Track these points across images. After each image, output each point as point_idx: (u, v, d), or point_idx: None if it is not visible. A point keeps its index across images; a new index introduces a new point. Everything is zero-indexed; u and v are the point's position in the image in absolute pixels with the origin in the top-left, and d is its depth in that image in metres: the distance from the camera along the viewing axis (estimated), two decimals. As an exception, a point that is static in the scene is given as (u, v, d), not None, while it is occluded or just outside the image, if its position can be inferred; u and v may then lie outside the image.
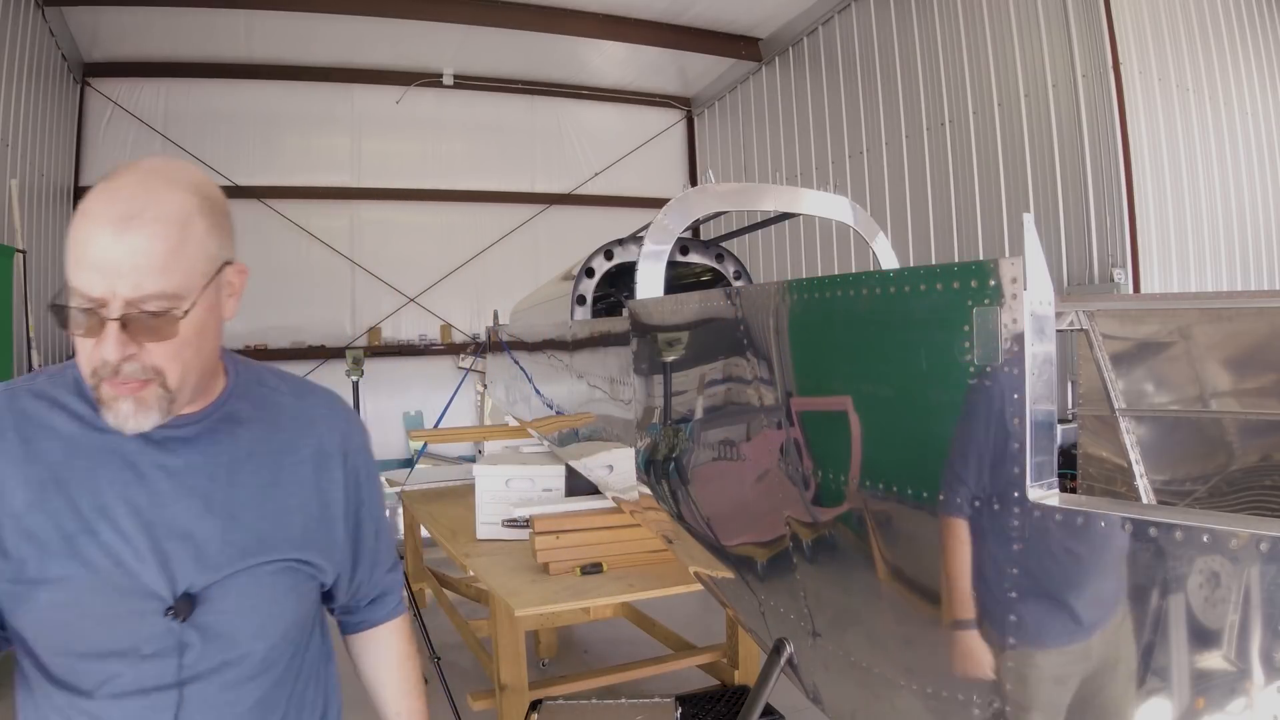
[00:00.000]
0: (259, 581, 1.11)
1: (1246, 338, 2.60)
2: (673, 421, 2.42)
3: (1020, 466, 1.27)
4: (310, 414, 1.23)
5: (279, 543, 1.13)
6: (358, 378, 4.38)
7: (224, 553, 1.07)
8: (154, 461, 1.06)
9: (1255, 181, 6.56)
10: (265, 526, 1.12)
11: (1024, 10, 6.51)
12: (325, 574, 1.21)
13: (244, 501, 1.10)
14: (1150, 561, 1.17)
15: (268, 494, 1.13)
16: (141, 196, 0.96)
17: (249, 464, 1.12)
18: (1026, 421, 1.25)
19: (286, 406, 1.21)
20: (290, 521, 1.15)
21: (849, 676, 1.72)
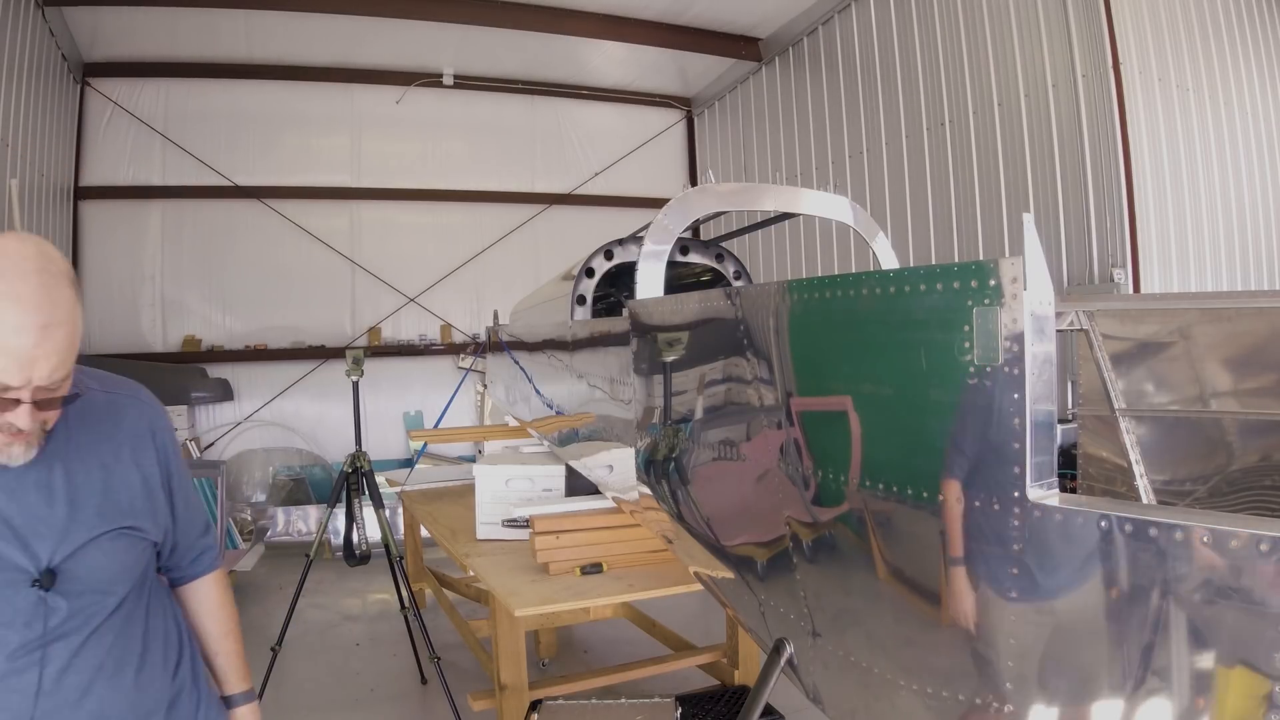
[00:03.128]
0: (102, 549, 1.38)
1: (1246, 338, 2.60)
2: (672, 421, 2.42)
3: (1020, 466, 1.27)
4: (119, 405, 1.50)
5: (113, 515, 1.41)
6: (357, 378, 4.38)
7: (71, 531, 1.35)
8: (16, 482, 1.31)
9: (1255, 181, 6.56)
10: (100, 504, 1.40)
11: (1024, 10, 6.51)
12: (153, 534, 1.50)
13: (80, 488, 1.38)
14: (1150, 561, 1.17)
15: (97, 479, 1.40)
16: (47, 305, 1.20)
17: (78, 459, 1.39)
18: (1026, 421, 1.26)
19: (99, 404, 1.45)
20: (119, 498, 1.43)
21: (849, 676, 1.72)
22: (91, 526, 1.38)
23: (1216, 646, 1.14)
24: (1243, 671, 1.12)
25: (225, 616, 1.71)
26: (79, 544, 1.36)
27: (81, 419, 1.40)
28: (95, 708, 1.38)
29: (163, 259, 9.59)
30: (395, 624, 5.07)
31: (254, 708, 1.73)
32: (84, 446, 1.40)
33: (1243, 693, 1.12)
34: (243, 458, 9.28)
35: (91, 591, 1.38)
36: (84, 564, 1.36)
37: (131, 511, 1.45)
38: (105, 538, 1.39)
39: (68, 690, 1.35)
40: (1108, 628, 1.24)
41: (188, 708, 1.55)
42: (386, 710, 4.20)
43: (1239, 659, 1.12)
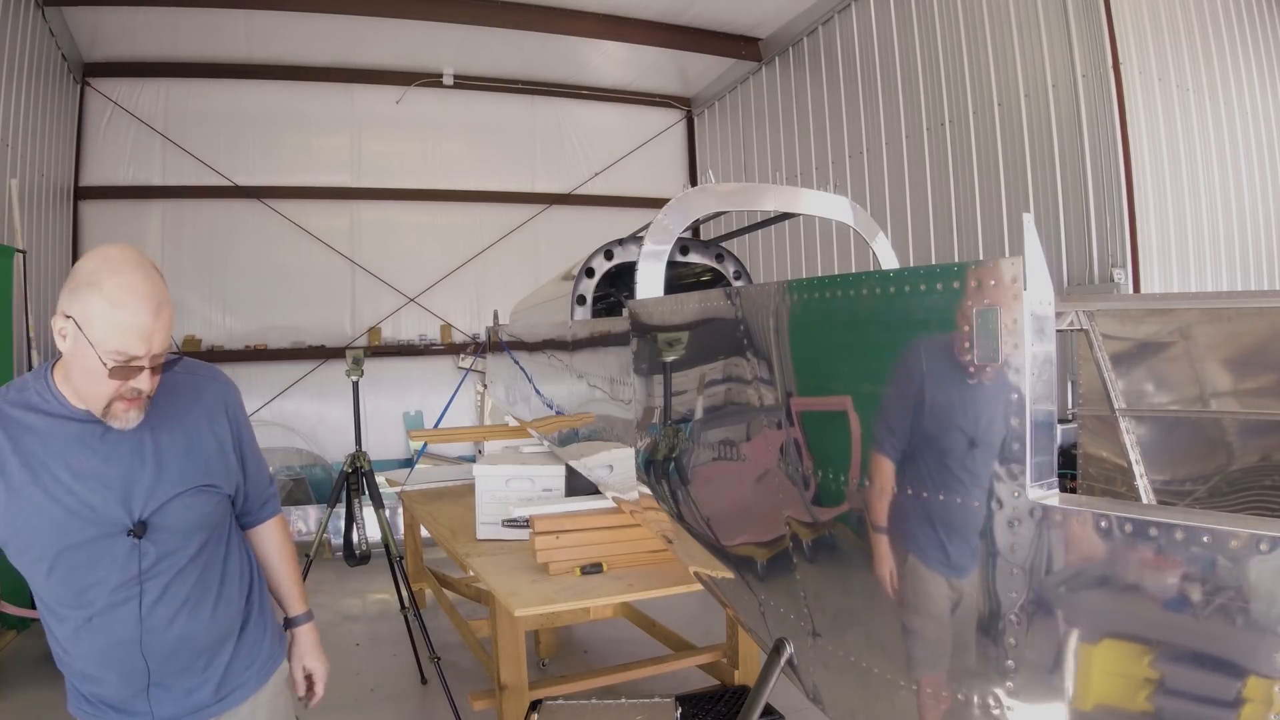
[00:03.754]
0: (184, 503, 1.67)
1: (1246, 338, 2.60)
2: (672, 421, 2.42)
3: (1020, 466, 1.27)
4: (199, 385, 1.78)
5: (192, 475, 1.69)
6: (357, 378, 4.38)
7: (158, 490, 1.63)
8: (99, 439, 1.59)
9: (1255, 181, 6.56)
10: (182, 466, 1.68)
11: (1024, 10, 6.51)
12: (227, 489, 1.80)
13: (165, 452, 1.66)
14: (1150, 561, 1.17)
15: (180, 445, 1.69)
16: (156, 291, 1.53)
17: (164, 428, 1.67)
18: (1026, 421, 1.26)
19: (183, 383, 1.73)
20: (198, 460, 1.71)
21: (849, 676, 1.72)
22: (175, 484, 1.65)
23: (1217, 646, 1.14)
24: (1243, 671, 1.12)
25: (287, 554, 2.05)
26: (164, 500, 1.63)
27: (169, 396, 1.68)
28: (181, 632, 1.68)
29: (163, 259, 9.56)
30: (395, 624, 5.07)
31: (312, 626, 2.05)
32: (169, 418, 1.68)
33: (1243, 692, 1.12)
34: (243, 458, 9.27)
35: (175, 539, 1.66)
36: (168, 516, 1.64)
37: (208, 471, 1.73)
38: (186, 494, 1.67)
39: (159, 619, 1.65)
40: (1108, 627, 1.24)
41: (255, 631, 1.86)
42: (386, 710, 4.20)
43: (1239, 658, 1.12)
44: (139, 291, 1.49)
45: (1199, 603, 1.14)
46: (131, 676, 1.65)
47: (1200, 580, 1.13)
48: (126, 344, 1.48)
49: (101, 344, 1.47)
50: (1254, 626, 1.10)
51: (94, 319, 1.46)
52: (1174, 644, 1.18)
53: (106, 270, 1.49)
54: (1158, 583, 1.17)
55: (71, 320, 1.48)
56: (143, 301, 1.49)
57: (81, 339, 1.47)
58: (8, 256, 5.78)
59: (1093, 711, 1.28)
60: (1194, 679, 1.17)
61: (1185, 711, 1.18)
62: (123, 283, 1.48)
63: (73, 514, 1.55)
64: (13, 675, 4.61)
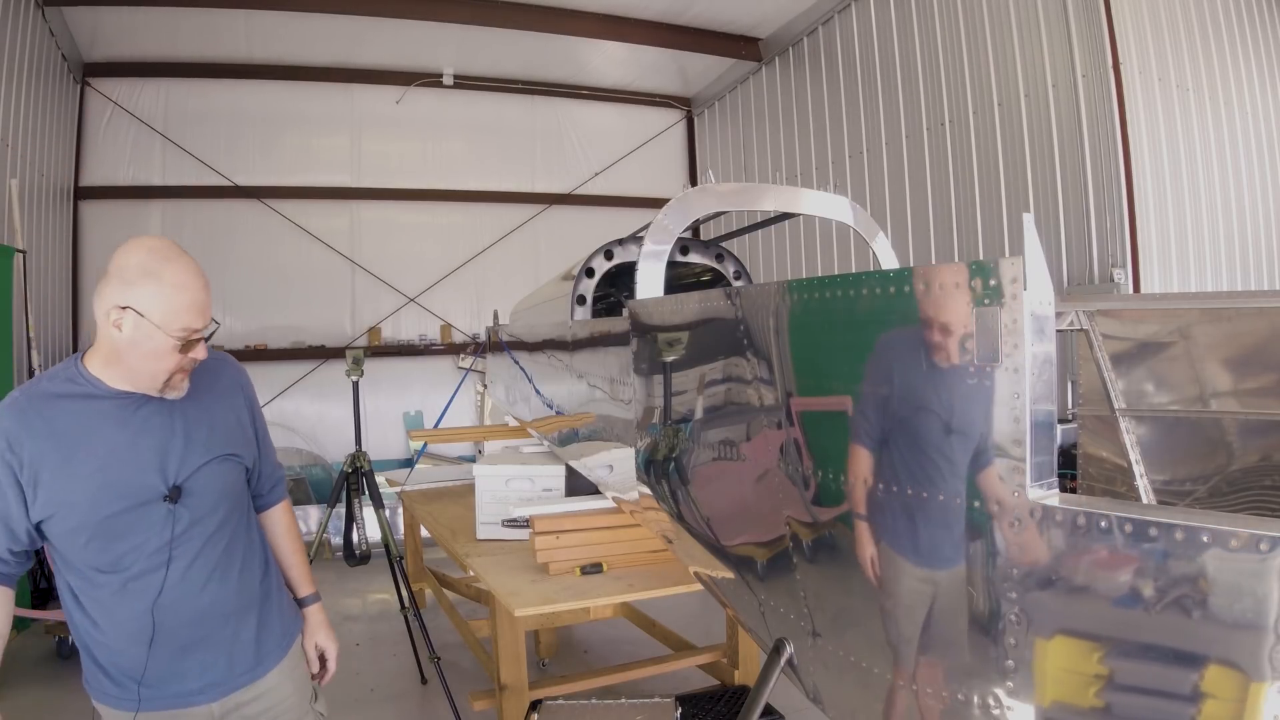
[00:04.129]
0: (212, 470, 1.81)
1: (1246, 338, 2.60)
2: (672, 421, 2.42)
3: (1020, 466, 1.27)
4: (215, 366, 1.91)
5: (217, 445, 1.84)
6: (357, 378, 4.38)
7: (188, 458, 1.77)
8: (132, 414, 1.73)
9: (1255, 181, 6.56)
10: (207, 437, 1.82)
11: (1024, 10, 6.51)
12: (247, 460, 1.95)
13: (193, 424, 1.80)
14: (1150, 561, 1.17)
15: (205, 418, 1.83)
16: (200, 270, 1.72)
17: (191, 403, 1.81)
18: (1026, 421, 1.25)
19: (203, 364, 1.81)
20: (220, 432, 1.86)
21: (849, 676, 1.72)
22: (203, 453, 1.80)
23: (1217, 646, 1.14)
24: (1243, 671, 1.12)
25: (294, 536, 2.18)
26: (195, 467, 1.78)
27: (193, 375, 1.81)
28: (210, 598, 1.80)
29: (163, 259, 9.59)
30: (395, 624, 5.07)
31: (321, 606, 2.18)
32: (193, 394, 1.81)
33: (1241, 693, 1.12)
34: (243, 458, 9.27)
35: (205, 505, 1.79)
36: (199, 482, 1.78)
37: (230, 442, 1.89)
38: (214, 461, 1.82)
39: (190, 583, 1.77)
40: (1108, 628, 1.24)
41: (276, 603, 1.98)
42: (387, 710, 4.20)
43: (1240, 658, 1.12)
44: (192, 272, 1.69)
45: (1199, 603, 1.14)
46: (163, 643, 1.74)
47: (1200, 580, 1.13)
48: (191, 321, 1.67)
49: (169, 325, 1.65)
50: (1254, 626, 1.10)
51: (158, 305, 1.64)
52: (1174, 644, 1.18)
53: (157, 261, 1.66)
54: (1157, 583, 1.17)
55: (130, 310, 1.63)
56: (198, 280, 1.70)
57: (145, 324, 1.64)
58: (8, 256, 5.78)
59: (1092, 710, 1.28)
60: (1194, 678, 1.17)
61: (1180, 713, 1.18)
62: (178, 269, 1.67)
63: (108, 486, 1.67)
64: (13, 675, 4.61)
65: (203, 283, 1.71)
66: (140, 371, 1.70)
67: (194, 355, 1.72)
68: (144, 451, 1.72)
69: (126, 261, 1.65)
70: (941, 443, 1.40)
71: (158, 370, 1.70)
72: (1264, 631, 1.09)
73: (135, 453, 1.71)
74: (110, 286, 1.65)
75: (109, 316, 1.65)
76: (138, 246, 1.68)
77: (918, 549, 1.49)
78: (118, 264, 1.66)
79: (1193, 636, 1.16)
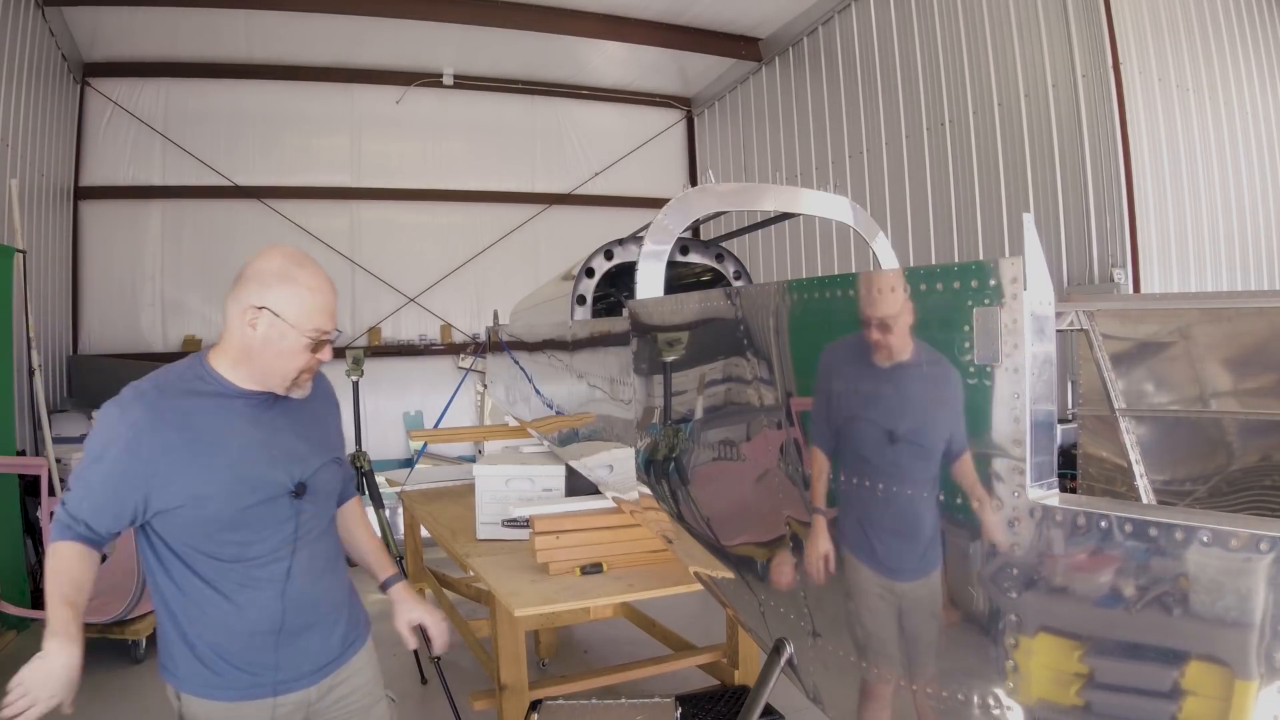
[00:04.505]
0: (328, 471, 1.97)
1: (1246, 338, 2.60)
2: (673, 421, 2.42)
3: (1020, 466, 1.27)
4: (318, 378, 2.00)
5: (328, 449, 2.01)
6: (358, 378, 4.38)
7: (309, 458, 1.90)
8: (262, 413, 1.84)
9: (1255, 181, 6.56)
10: (319, 440, 1.97)
11: (1024, 10, 6.51)
12: (345, 465, 2.16)
13: (307, 428, 1.94)
14: (1150, 561, 1.17)
15: (317, 422, 1.99)
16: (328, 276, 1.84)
17: (305, 409, 1.93)
18: (1026, 421, 1.25)
19: None
20: (329, 438, 2.04)
21: (849, 676, 1.72)
22: (320, 455, 1.94)
23: (1217, 646, 1.14)
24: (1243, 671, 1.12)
25: (369, 525, 2.36)
26: (315, 468, 1.91)
27: None
28: (324, 588, 1.96)
29: (163, 259, 9.59)
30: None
31: (406, 583, 2.33)
32: (307, 405, 1.94)
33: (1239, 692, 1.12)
34: (243, 458, 9.28)
35: (320, 503, 1.95)
36: (318, 481, 1.92)
37: (336, 446, 2.08)
38: (329, 463, 1.98)
39: (310, 573, 1.91)
40: (1107, 628, 1.24)
41: (356, 596, 2.14)
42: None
43: (1240, 658, 1.12)
44: (323, 277, 1.82)
45: (1198, 603, 1.14)
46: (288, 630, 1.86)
47: (1200, 581, 1.13)
48: (322, 322, 1.80)
49: (303, 325, 1.77)
50: (1253, 626, 1.10)
51: (293, 305, 1.75)
52: (1174, 645, 1.18)
53: (293, 266, 1.78)
54: (1157, 583, 1.17)
55: (266, 310, 1.74)
56: (328, 285, 1.83)
57: (280, 324, 1.75)
58: (8, 256, 5.78)
59: (1090, 710, 1.28)
60: (1191, 679, 1.17)
61: (1163, 710, 1.18)
62: (311, 274, 1.80)
63: (242, 480, 1.78)
64: (13, 675, 4.61)
65: (332, 288, 1.83)
66: (271, 370, 1.81)
67: (321, 356, 1.84)
68: (274, 449, 1.83)
69: (264, 266, 1.77)
70: (941, 443, 1.40)
71: (288, 369, 1.81)
72: (1262, 630, 1.09)
73: (267, 450, 1.82)
74: (246, 288, 1.76)
75: (244, 316, 1.76)
76: (274, 253, 1.80)
77: (918, 549, 1.49)
78: (254, 268, 1.78)
79: (1193, 636, 1.16)
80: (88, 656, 1.71)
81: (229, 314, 1.80)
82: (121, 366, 8.68)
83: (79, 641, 1.64)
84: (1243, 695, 1.12)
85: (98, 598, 4.97)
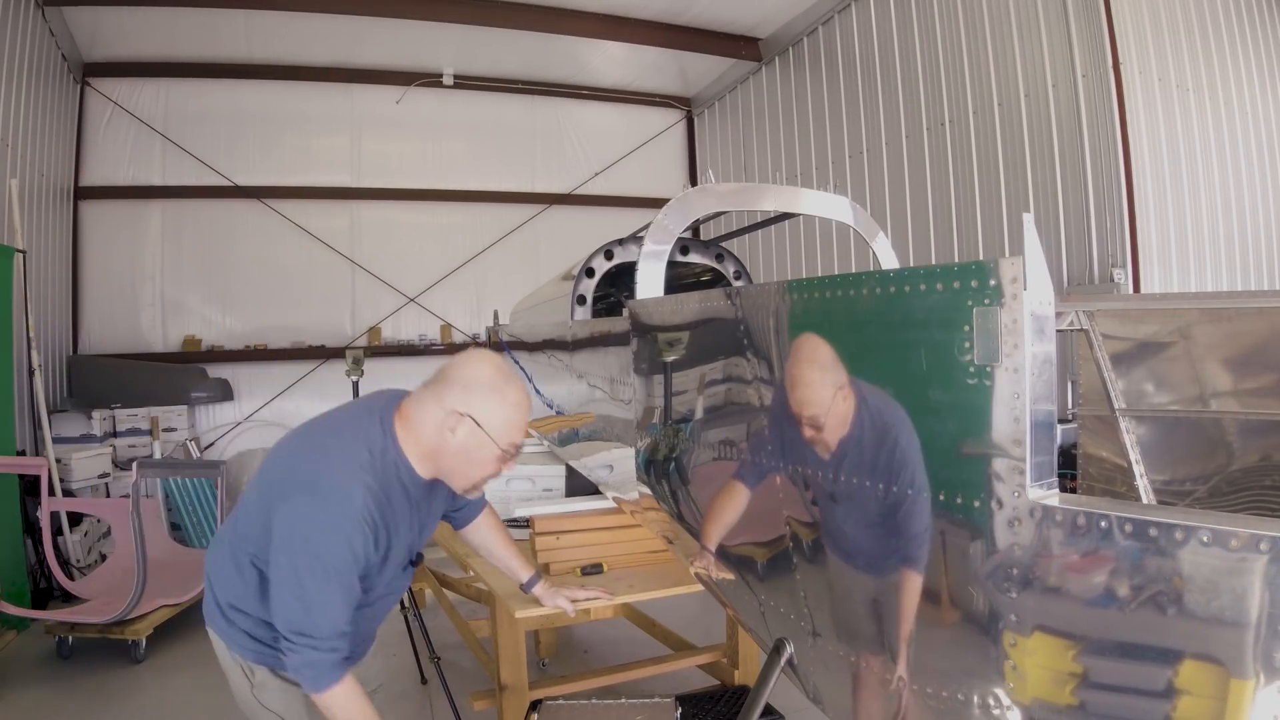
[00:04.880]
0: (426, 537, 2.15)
1: (1246, 338, 2.60)
2: (673, 421, 2.42)
3: (1020, 466, 1.27)
4: None
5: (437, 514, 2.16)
6: (358, 378, 4.38)
7: (425, 531, 2.08)
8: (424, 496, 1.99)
9: (1255, 181, 6.56)
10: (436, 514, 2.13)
11: (1024, 10, 6.51)
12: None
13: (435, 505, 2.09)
14: (1150, 561, 1.17)
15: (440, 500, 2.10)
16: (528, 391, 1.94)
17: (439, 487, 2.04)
18: (1026, 421, 1.25)
19: None
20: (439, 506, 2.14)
21: (849, 676, 1.72)
22: (430, 528, 2.10)
23: (1216, 646, 1.14)
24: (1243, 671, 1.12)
25: (505, 531, 2.51)
26: (427, 537, 2.12)
27: None
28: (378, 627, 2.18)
29: (163, 259, 9.58)
30: (395, 624, 5.05)
31: (546, 581, 2.57)
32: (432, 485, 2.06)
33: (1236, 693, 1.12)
34: (243, 458, 9.27)
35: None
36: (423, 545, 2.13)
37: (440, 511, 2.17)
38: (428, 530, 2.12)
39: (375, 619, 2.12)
40: (1107, 628, 1.24)
41: None
42: (386, 710, 4.17)
43: (1240, 658, 1.12)
44: (524, 393, 1.92)
45: (1199, 603, 1.14)
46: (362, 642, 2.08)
47: (1199, 581, 1.13)
48: (518, 437, 1.91)
49: (502, 438, 1.86)
50: (1252, 626, 1.10)
51: (497, 419, 1.85)
52: (1174, 645, 1.18)
53: (502, 380, 1.88)
54: (1156, 582, 1.17)
55: (469, 418, 1.83)
56: (528, 401, 1.93)
57: (480, 433, 1.84)
58: (8, 256, 5.78)
59: (1091, 711, 1.28)
60: (1191, 678, 1.17)
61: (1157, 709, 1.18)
62: (517, 389, 1.90)
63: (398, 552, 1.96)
64: (13, 675, 4.61)
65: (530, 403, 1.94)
66: (458, 473, 1.92)
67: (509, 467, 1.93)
68: (417, 528, 2.01)
69: (472, 374, 1.86)
70: (940, 443, 1.40)
71: (476, 475, 1.93)
72: (1261, 630, 1.09)
73: (413, 529, 1.99)
74: (451, 391, 1.85)
75: (446, 419, 1.84)
76: (483, 361, 1.90)
77: (918, 549, 1.49)
78: (461, 373, 1.87)
79: (1194, 636, 1.16)
80: (88, 656, 1.72)
81: (428, 409, 1.86)
82: (121, 366, 8.68)
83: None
84: (1240, 695, 1.12)
85: (98, 598, 4.98)
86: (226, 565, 1.98)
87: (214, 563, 2.04)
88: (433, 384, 1.89)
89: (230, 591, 1.97)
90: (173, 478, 7.22)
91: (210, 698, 4.35)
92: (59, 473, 6.36)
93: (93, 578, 5.44)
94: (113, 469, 7.24)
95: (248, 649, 1.99)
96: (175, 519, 7.18)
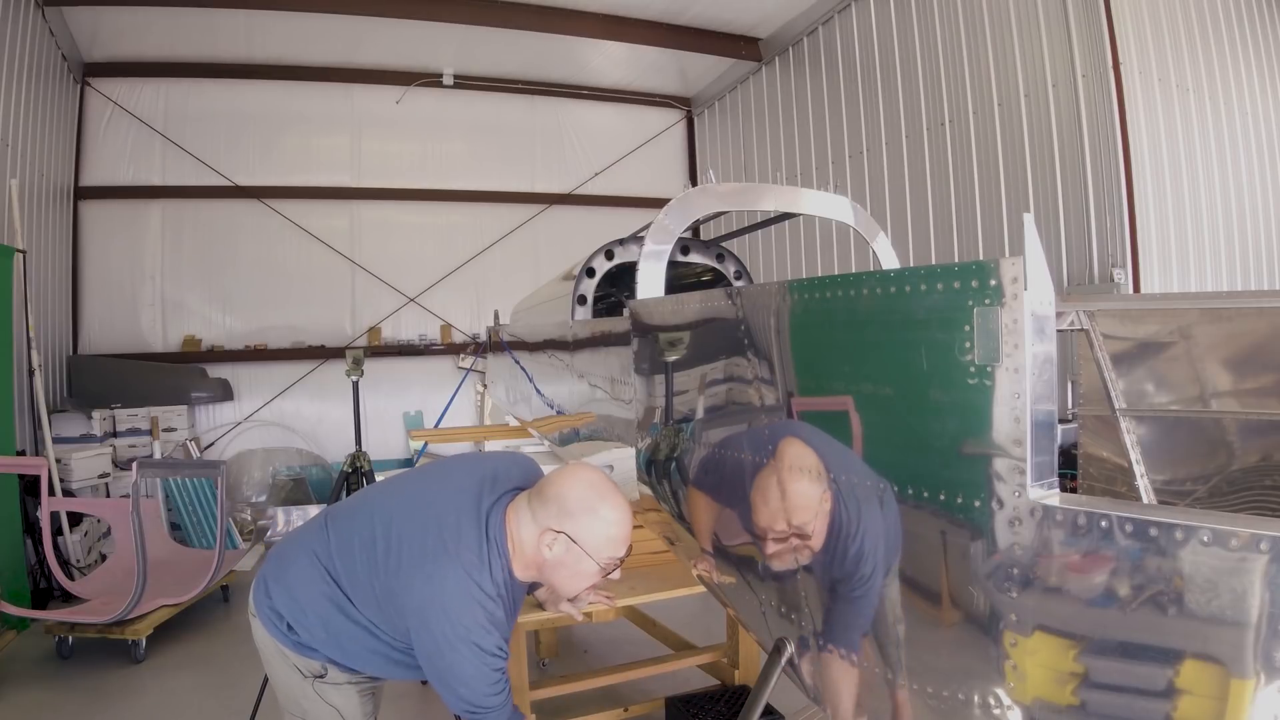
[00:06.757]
0: None
1: (1246, 338, 2.60)
2: (674, 421, 2.42)
3: (1021, 466, 1.27)
4: None
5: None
6: (357, 378, 4.38)
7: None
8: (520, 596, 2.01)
9: (1255, 181, 6.56)
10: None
11: (1024, 10, 6.51)
12: None
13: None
14: (1150, 561, 1.17)
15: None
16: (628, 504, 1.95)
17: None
18: (1027, 421, 1.26)
19: None
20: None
21: (849, 676, 1.72)
22: None
23: (1216, 646, 1.14)
24: (1243, 671, 1.12)
25: None
26: None
27: None
28: None
29: (163, 259, 9.58)
30: (395, 624, 5.05)
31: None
32: None
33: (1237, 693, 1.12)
34: (243, 458, 9.28)
35: None
36: None
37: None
38: None
39: None
40: (1108, 628, 1.24)
41: None
42: (386, 710, 4.17)
43: (1239, 658, 1.12)
44: (623, 508, 1.92)
45: (1199, 603, 1.14)
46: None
47: (1200, 580, 1.13)
48: (617, 551, 1.92)
49: (600, 554, 1.89)
50: (1252, 626, 1.10)
51: (594, 537, 1.87)
52: (1175, 645, 1.18)
53: (596, 498, 1.89)
54: (1157, 582, 1.17)
55: (565, 535, 1.86)
56: (627, 516, 1.92)
57: (577, 550, 1.87)
58: (8, 256, 5.78)
59: (1093, 711, 1.28)
60: (1193, 678, 1.17)
61: (1158, 710, 1.18)
62: (613, 505, 1.90)
63: None
64: (13, 675, 4.61)
65: (630, 516, 1.92)
66: (559, 586, 1.97)
67: (613, 576, 1.96)
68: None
69: (568, 492, 1.88)
70: (940, 443, 1.40)
71: (575, 588, 1.98)
72: (1261, 630, 1.09)
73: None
74: (547, 509, 1.88)
75: (543, 536, 1.88)
76: (578, 479, 1.91)
77: (918, 549, 1.49)
78: (558, 490, 1.89)
79: (1194, 636, 1.16)
80: (87, 656, 1.73)
81: (527, 526, 1.90)
82: (121, 366, 8.68)
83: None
84: (1240, 695, 1.12)
85: (98, 598, 4.98)
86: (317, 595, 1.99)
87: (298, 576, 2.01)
88: (534, 496, 1.92)
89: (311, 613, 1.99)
90: (173, 478, 7.22)
91: (210, 698, 4.35)
92: (59, 473, 6.36)
93: (93, 578, 5.44)
94: (113, 469, 7.24)
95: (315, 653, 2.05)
96: (175, 519, 7.18)
